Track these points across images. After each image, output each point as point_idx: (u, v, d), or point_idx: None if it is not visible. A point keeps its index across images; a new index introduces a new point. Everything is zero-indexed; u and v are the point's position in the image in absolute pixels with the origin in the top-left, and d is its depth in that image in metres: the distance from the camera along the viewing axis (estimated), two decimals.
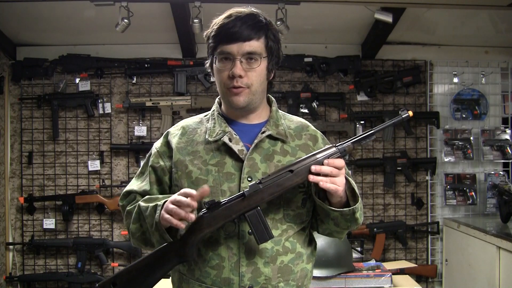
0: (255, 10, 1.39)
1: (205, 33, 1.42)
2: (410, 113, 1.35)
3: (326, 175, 1.27)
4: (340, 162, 1.28)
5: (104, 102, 3.50)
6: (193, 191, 1.23)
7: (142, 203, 1.36)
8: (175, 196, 1.25)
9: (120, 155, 3.53)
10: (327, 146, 1.33)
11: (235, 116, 1.43)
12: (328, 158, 1.29)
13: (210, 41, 1.38)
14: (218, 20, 1.38)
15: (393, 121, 1.36)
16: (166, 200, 1.28)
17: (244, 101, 1.36)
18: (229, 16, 1.35)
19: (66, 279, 3.34)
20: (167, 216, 1.24)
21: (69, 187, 3.50)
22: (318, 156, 1.30)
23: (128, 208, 1.42)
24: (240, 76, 1.33)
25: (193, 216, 1.24)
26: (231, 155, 1.37)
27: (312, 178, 1.27)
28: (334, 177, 1.27)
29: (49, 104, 3.46)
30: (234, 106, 1.38)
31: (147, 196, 1.40)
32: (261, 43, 1.36)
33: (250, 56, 1.34)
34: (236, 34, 1.32)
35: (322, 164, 1.28)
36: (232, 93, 1.35)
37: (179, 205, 1.23)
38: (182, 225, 1.23)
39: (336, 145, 1.32)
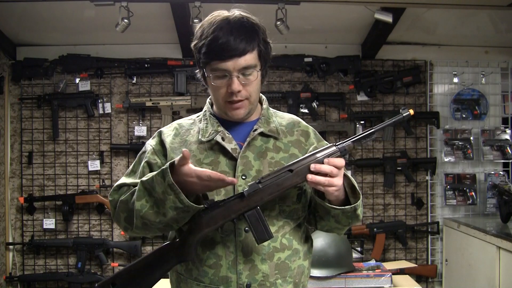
0: (243, 14, 1.35)
1: (192, 44, 1.37)
2: (411, 111, 1.34)
3: (325, 175, 1.26)
4: (341, 161, 1.27)
5: (104, 102, 3.50)
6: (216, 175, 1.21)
7: (143, 179, 1.29)
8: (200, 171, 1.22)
9: (120, 155, 3.53)
10: (327, 145, 1.32)
11: (227, 116, 1.43)
12: (328, 157, 1.28)
13: (201, 56, 1.33)
14: (206, 30, 1.32)
15: (394, 120, 1.35)
16: (173, 162, 1.24)
17: (244, 112, 1.37)
18: (220, 27, 1.29)
19: (66, 279, 3.34)
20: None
21: (69, 187, 3.50)
22: (318, 155, 1.29)
23: (122, 198, 1.36)
24: (239, 91, 1.33)
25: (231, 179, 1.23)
26: (225, 154, 1.38)
27: (310, 177, 1.26)
28: (332, 178, 1.26)
29: (49, 104, 3.46)
30: (235, 119, 1.39)
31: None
32: (255, 53, 1.33)
33: (246, 72, 1.32)
34: (230, 51, 1.28)
35: (322, 163, 1.27)
36: (232, 108, 1.35)
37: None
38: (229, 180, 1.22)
39: (336, 144, 1.31)
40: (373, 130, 1.33)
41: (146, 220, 1.29)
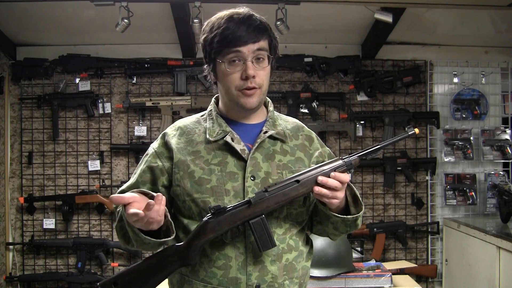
0: (252, 11, 1.38)
1: (202, 37, 1.40)
2: (416, 130, 1.40)
3: (329, 188, 1.29)
4: (346, 177, 1.31)
5: (104, 102, 3.50)
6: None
7: None
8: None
9: (120, 155, 3.53)
10: (334, 159, 1.36)
11: (235, 116, 1.43)
12: (335, 171, 1.31)
13: (214, 45, 1.35)
14: (217, 23, 1.35)
15: (399, 138, 1.41)
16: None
17: (256, 101, 1.37)
18: (231, 19, 1.34)
19: (66, 279, 3.34)
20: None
21: (69, 187, 3.50)
22: (324, 168, 1.32)
23: (118, 209, 1.41)
24: (253, 77, 1.34)
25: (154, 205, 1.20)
26: (233, 155, 1.38)
27: (317, 190, 1.29)
28: (336, 192, 1.29)
29: (49, 104, 3.46)
30: (247, 108, 1.38)
31: None
32: (267, 43, 1.37)
33: (259, 56, 1.35)
34: (245, 37, 1.32)
35: (329, 177, 1.30)
36: (246, 95, 1.36)
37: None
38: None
39: (343, 158, 1.34)
40: (379, 146, 1.39)
41: (122, 241, 1.37)
